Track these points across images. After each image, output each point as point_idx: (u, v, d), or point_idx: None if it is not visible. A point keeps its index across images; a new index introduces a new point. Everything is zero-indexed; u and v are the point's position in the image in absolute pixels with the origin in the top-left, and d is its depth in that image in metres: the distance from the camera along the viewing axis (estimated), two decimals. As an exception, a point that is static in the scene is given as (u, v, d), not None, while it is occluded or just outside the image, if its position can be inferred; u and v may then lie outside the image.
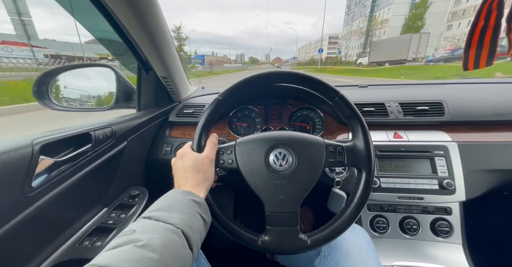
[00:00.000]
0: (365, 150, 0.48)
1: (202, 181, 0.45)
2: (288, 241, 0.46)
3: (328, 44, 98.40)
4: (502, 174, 0.71)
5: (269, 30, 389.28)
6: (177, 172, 0.47)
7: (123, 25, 0.64)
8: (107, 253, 0.28)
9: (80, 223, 0.61)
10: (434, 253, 0.69)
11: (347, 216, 0.46)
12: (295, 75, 0.50)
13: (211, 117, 0.50)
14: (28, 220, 0.44)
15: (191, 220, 0.37)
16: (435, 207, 0.71)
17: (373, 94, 0.92)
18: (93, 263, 0.26)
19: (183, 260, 0.32)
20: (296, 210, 0.47)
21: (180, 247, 0.32)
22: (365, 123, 0.49)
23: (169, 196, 0.40)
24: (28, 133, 0.47)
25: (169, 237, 0.32)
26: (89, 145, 0.59)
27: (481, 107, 0.77)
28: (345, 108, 0.50)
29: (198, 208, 0.40)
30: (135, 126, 0.79)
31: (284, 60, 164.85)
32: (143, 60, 0.82)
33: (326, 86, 0.50)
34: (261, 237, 0.47)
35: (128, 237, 0.30)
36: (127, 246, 0.28)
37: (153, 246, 0.29)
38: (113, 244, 0.30)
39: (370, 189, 0.47)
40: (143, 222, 0.34)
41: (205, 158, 0.47)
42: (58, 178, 0.51)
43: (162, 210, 0.36)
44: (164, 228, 0.33)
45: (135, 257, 0.27)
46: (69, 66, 0.81)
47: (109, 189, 0.71)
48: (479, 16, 0.46)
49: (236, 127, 0.96)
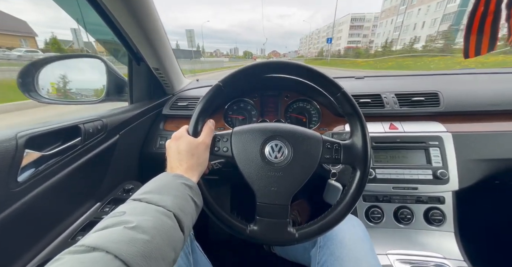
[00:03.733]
0: (362, 149, 0.47)
1: (195, 166, 0.44)
2: (276, 233, 0.46)
3: (350, 29, 68.55)
4: (494, 163, 0.72)
5: (264, 24, 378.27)
6: (170, 154, 0.46)
7: (111, 14, 0.61)
8: (96, 234, 0.27)
9: (73, 219, 0.60)
10: (427, 241, 0.70)
11: (337, 213, 0.46)
12: (297, 66, 0.49)
13: (209, 102, 0.49)
14: (15, 216, 0.43)
15: (182, 203, 0.36)
16: (428, 197, 0.72)
17: (369, 85, 0.91)
18: (81, 244, 0.25)
19: (174, 242, 0.31)
20: (287, 203, 0.47)
21: (172, 229, 0.32)
22: (365, 122, 0.48)
23: (160, 179, 0.40)
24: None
25: (161, 220, 0.31)
26: (79, 139, 0.57)
27: (476, 97, 0.78)
28: (347, 105, 0.49)
29: (189, 192, 0.39)
30: (128, 119, 0.76)
31: (282, 54, 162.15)
32: (134, 51, 0.79)
33: (329, 81, 0.49)
34: (249, 227, 0.47)
35: (118, 219, 0.29)
36: (117, 227, 0.27)
37: (144, 227, 0.28)
38: (102, 225, 0.28)
39: (363, 189, 0.47)
40: (133, 204, 0.33)
41: (201, 143, 0.46)
42: (46, 172, 0.49)
43: (153, 192, 0.35)
44: (156, 210, 0.32)
45: (126, 238, 0.26)
46: (56, 57, 0.77)
47: (102, 183, 0.70)
48: (479, 2, 0.45)
49: (231, 119, 0.95)
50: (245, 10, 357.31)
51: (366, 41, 64.77)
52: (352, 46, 63.63)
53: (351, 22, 68.22)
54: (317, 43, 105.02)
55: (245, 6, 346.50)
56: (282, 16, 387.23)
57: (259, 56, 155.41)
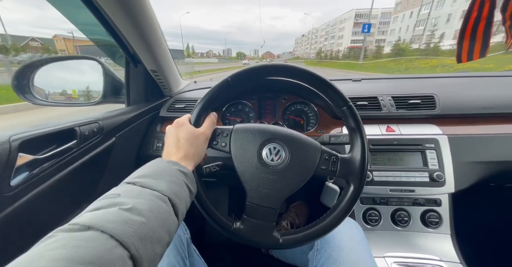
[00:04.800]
0: (360, 165, 0.47)
1: (192, 155, 0.44)
2: (260, 235, 0.46)
3: (354, 27, 58.60)
4: (490, 165, 0.72)
5: (257, 25, 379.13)
6: (169, 139, 0.45)
7: (108, 16, 0.60)
8: (90, 214, 0.26)
9: (67, 222, 0.59)
10: (424, 244, 0.70)
11: (324, 225, 0.46)
12: (308, 74, 0.49)
13: (215, 95, 0.49)
14: (9, 220, 0.42)
15: (177, 188, 0.36)
16: (425, 199, 0.73)
17: (366, 88, 0.92)
18: (75, 222, 0.24)
19: (169, 225, 0.31)
20: (276, 207, 0.47)
21: (167, 213, 0.32)
22: (365, 138, 0.48)
23: (155, 164, 0.39)
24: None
25: (156, 203, 0.31)
26: (74, 141, 0.57)
27: (472, 100, 0.79)
28: (351, 120, 0.49)
29: (184, 178, 0.39)
30: (124, 122, 0.76)
31: (276, 55, 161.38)
32: (131, 53, 0.78)
33: (337, 93, 0.49)
34: (235, 224, 0.47)
35: (112, 200, 0.29)
36: (112, 208, 0.27)
37: (139, 209, 0.28)
38: (95, 205, 0.28)
39: (355, 203, 0.47)
40: (127, 187, 0.33)
41: (201, 133, 0.46)
42: (41, 176, 0.48)
43: (147, 177, 0.35)
44: (151, 194, 0.32)
45: (121, 219, 0.26)
46: (52, 58, 0.77)
47: (98, 187, 0.69)
48: (473, 7, 0.45)
49: (229, 121, 0.95)
50: (239, 11, 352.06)
51: (372, 40, 55.74)
52: (357, 45, 52.73)
53: (355, 19, 58.45)
54: (314, 43, 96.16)
55: (239, 7, 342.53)
56: (275, 18, 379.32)
57: (253, 57, 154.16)
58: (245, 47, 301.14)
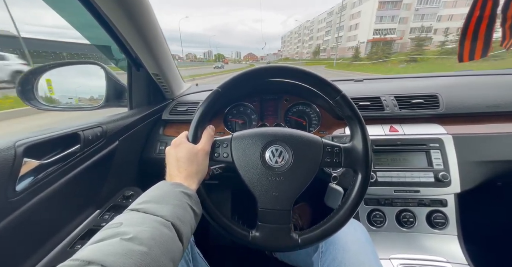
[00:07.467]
0: (363, 152, 0.47)
1: (194, 173, 0.44)
2: (279, 239, 0.45)
3: (380, 8, 36.74)
4: (496, 165, 0.71)
5: (239, 28, 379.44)
6: (170, 161, 0.45)
7: (110, 21, 0.61)
8: (91, 247, 0.26)
9: (72, 227, 0.59)
10: (430, 245, 0.69)
11: (340, 217, 0.46)
12: (296, 70, 0.49)
13: (208, 108, 0.49)
14: (14, 226, 0.42)
15: (181, 212, 0.36)
16: (430, 200, 0.72)
17: (368, 88, 0.91)
18: (76, 258, 0.24)
19: (172, 252, 0.31)
20: (289, 208, 0.46)
21: (170, 240, 0.31)
22: (364, 125, 0.48)
23: (158, 188, 0.39)
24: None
25: (159, 230, 0.31)
26: (78, 146, 0.57)
27: (476, 99, 0.78)
28: (346, 108, 0.49)
29: (188, 200, 0.38)
30: (127, 125, 0.76)
31: (259, 57, 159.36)
32: (133, 57, 0.79)
33: (328, 85, 0.49)
34: (251, 233, 0.46)
35: (115, 230, 0.29)
36: (114, 239, 0.27)
37: (141, 239, 0.28)
38: (98, 237, 0.28)
39: (365, 192, 0.47)
40: (130, 214, 0.33)
41: (200, 150, 0.46)
42: (45, 181, 0.49)
43: (151, 202, 0.35)
44: (154, 220, 0.31)
45: (122, 251, 0.25)
46: (55, 64, 0.77)
47: (101, 190, 0.69)
48: (475, 6, 0.45)
49: (231, 124, 0.95)
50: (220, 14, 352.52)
51: (405, 28, 35.37)
52: (384, 38, 35.56)
53: (381, -3, 35.34)
54: (309, 40, 74.16)
55: (221, 9, 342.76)
56: (257, 21, 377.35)
57: (232, 59, 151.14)
58: (227, 49, 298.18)
